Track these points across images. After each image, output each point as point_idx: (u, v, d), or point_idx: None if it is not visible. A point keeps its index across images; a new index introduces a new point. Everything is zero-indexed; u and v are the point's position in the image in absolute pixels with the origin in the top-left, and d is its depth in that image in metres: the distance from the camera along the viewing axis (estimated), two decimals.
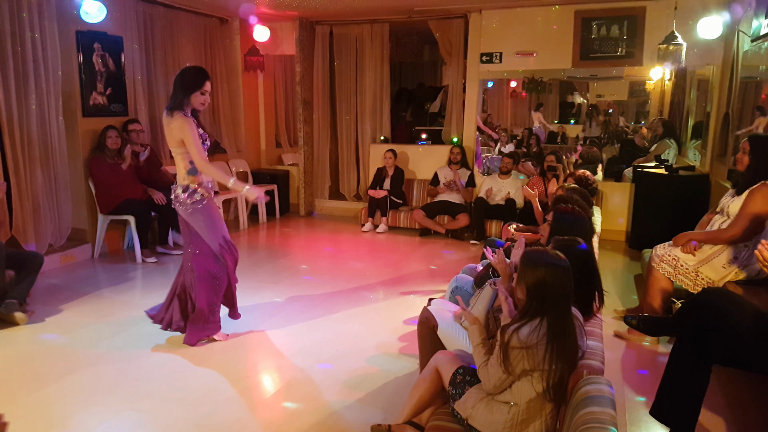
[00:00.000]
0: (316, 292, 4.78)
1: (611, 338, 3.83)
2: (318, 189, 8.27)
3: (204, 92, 3.49)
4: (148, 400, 3.02)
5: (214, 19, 7.32)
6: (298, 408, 2.95)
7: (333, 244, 6.65)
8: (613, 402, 1.69)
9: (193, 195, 3.50)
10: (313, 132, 8.12)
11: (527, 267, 2.02)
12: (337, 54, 7.92)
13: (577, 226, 2.87)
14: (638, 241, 5.86)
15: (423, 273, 5.38)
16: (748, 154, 3.46)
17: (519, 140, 8.47)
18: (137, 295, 4.77)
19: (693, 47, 5.87)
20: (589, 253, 2.47)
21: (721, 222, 3.59)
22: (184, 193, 3.51)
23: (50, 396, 3.05)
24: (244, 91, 7.82)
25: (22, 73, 4.95)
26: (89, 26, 5.49)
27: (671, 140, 7.01)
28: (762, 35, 4.50)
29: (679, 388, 2.50)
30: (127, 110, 6.04)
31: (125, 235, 6.12)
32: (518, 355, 1.96)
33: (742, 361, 2.47)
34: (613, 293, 4.70)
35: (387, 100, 7.83)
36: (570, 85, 8.62)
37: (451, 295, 3.32)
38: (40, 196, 5.18)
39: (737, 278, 3.50)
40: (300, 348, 3.70)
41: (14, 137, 4.91)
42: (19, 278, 4.08)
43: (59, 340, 3.78)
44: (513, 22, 6.77)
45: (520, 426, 2.02)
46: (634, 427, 2.80)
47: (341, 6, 6.64)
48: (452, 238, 6.74)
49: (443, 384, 2.34)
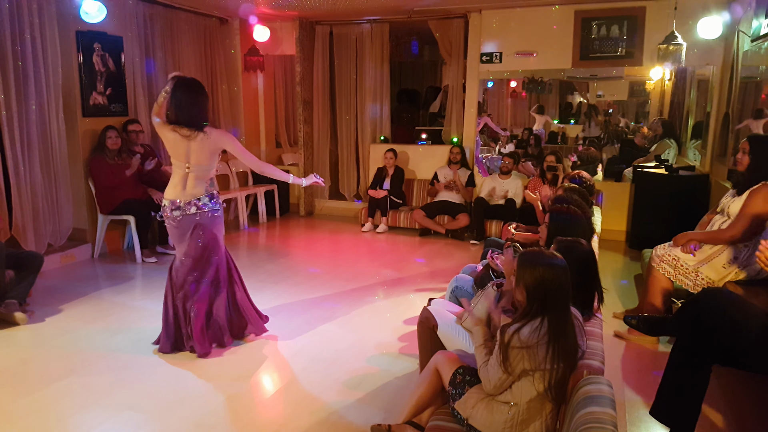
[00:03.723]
0: (316, 292, 4.78)
1: (611, 338, 3.83)
2: (318, 189, 8.27)
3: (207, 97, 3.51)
4: (147, 401, 3.02)
5: (214, 19, 7.33)
6: (298, 408, 2.95)
7: (333, 244, 6.65)
8: (613, 402, 1.69)
9: (219, 201, 3.54)
10: (313, 132, 8.12)
11: (526, 268, 2.03)
12: (337, 54, 7.92)
13: (574, 225, 2.87)
14: (638, 241, 5.86)
15: (423, 273, 5.38)
16: (747, 154, 3.46)
17: (519, 140, 8.48)
18: (137, 295, 4.77)
19: (693, 47, 5.88)
20: (588, 254, 2.47)
21: (721, 222, 3.59)
22: (211, 201, 3.48)
23: (50, 396, 3.05)
24: (244, 91, 7.83)
25: (22, 73, 4.95)
26: (89, 26, 5.49)
27: (671, 140, 7.01)
28: (762, 35, 4.50)
29: (679, 388, 2.50)
30: (127, 110, 6.04)
31: (125, 235, 6.12)
32: (518, 355, 1.96)
33: (742, 361, 2.47)
34: (613, 293, 4.70)
35: (387, 100, 7.83)
36: (570, 85, 8.62)
37: (451, 295, 3.32)
38: (40, 196, 5.18)
39: (737, 278, 3.50)
40: (300, 348, 3.69)
41: (14, 137, 4.91)
42: (19, 278, 4.08)
43: (59, 341, 3.78)
44: (513, 22, 6.77)
45: (520, 426, 2.02)
46: (634, 427, 2.80)
47: (341, 6, 6.63)
48: (452, 238, 6.74)
49: (443, 384, 2.34)
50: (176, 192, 3.44)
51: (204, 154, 3.39)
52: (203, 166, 3.42)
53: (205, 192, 3.47)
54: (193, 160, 3.40)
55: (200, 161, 3.41)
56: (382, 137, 7.87)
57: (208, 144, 3.37)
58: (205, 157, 3.40)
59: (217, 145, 3.41)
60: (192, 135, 3.35)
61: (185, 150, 3.38)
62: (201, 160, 3.41)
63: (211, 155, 3.43)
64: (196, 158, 3.40)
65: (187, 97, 3.38)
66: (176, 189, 3.44)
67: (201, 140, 3.36)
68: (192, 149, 3.38)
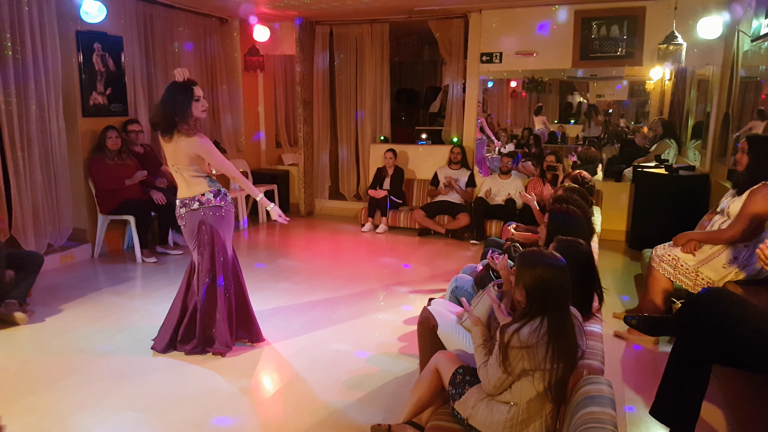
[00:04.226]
0: (316, 292, 4.78)
1: (611, 338, 3.83)
2: (318, 189, 8.27)
3: (198, 98, 3.38)
4: (147, 400, 3.02)
5: (214, 19, 7.32)
6: (298, 408, 2.95)
7: (333, 244, 6.65)
8: (613, 402, 1.69)
9: (225, 197, 3.52)
10: (313, 132, 8.12)
11: (525, 268, 2.03)
12: (337, 54, 7.92)
13: (573, 225, 2.87)
14: (638, 241, 5.86)
15: (423, 273, 5.38)
16: (747, 154, 3.46)
17: (519, 140, 8.48)
18: (137, 295, 4.77)
19: (693, 47, 5.88)
20: (588, 254, 2.47)
21: (721, 222, 3.59)
22: (216, 197, 3.47)
23: (50, 396, 3.05)
24: (244, 91, 7.82)
25: (22, 73, 4.95)
26: (89, 26, 5.49)
27: (671, 140, 7.01)
28: (762, 35, 4.50)
29: (679, 388, 2.51)
30: (127, 110, 6.04)
31: (125, 235, 6.12)
32: (518, 355, 1.96)
33: (742, 361, 2.47)
34: (613, 293, 4.70)
35: (387, 100, 7.83)
36: (570, 85, 8.62)
37: (451, 295, 3.32)
38: (40, 196, 5.18)
39: (737, 278, 3.50)
40: (300, 348, 3.69)
41: (14, 137, 4.91)
42: (19, 278, 4.08)
43: (59, 341, 3.78)
44: (513, 22, 6.78)
45: (520, 426, 2.02)
46: (634, 427, 2.80)
47: (341, 6, 6.64)
48: (452, 238, 6.74)
49: (443, 384, 2.34)
50: (181, 191, 3.51)
51: (179, 157, 3.39)
52: (185, 167, 3.43)
53: (208, 187, 3.47)
54: (171, 161, 3.45)
55: (178, 162, 3.42)
56: (382, 137, 7.87)
57: (181, 147, 3.35)
58: (180, 159, 3.40)
59: (190, 150, 3.37)
60: (165, 138, 3.37)
61: (167, 152, 3.44)
62: (179, 161, 3.41)
63: (188, 158, 3.40)
64: (173, 159, 3.43)
65: (162, 99, 3.40)
66: (180, 188, 3.51)
67: (174, 143, 3.36)
68: (168, 151, 3.42)
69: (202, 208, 3.44)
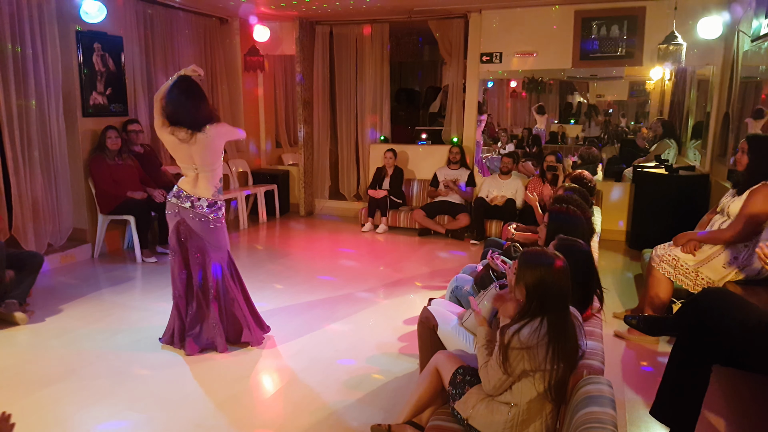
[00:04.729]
0: (316, 292, 4.78)
1: (611, 338, 3.83)
2: (318, 189, 8.27)
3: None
4: (147, 400, 3.02)
5: (214, 19, 7.33)
6: (297, 408, 2.95)
7: (333, 245, 6.65)
8: (613, 402, 1.69)
9: (218, 212, 3.50)
10: (313, 132, 8.12)
11: (526, 268, 2.03)
12: (337, 54, 7.92)
13: (573, 225, 2.87)
14: (638, 241, 5.86)
15: (423, 273, 5.38)
16: (746, 154, 3.46)
17: (519, 140, 8.48)
18: (137, 295, 4.77)
19: (693, 47, 5.88)
20: (588, 254, 2.47)
21: (721, 222, 3.59)
22: (208, 208, 3.45)
23: (50, 396, 3.05)
24: (244, 91, 7.82)
25: (22, 73, 4.95)
26: (89, 26, 5.49)
27: (671, 140, 7.01)
28: (762, 35, 4.50)
29: (679, 387, 2.51)
30: (127, 110, 6.04)
31: (125, 235, 6.12)
32: (518, 356, 1.96)
33: (742, 361, 2.47)
34: (613, 293, 4.70)
35: (387, 100, 7.83)
36: (570, 85, 8.62)
37: (451, 295, 3.33)
38: (40, 196, 5.18)
39: (737, 278, 3.50)
40: (300, 348, 3.69)
41: (14, 137, 4.91)
42: (19, 278, 4.08)
43: (59, 340, 3.78)
44: (513, 22, 6.77)
45: (521, 426, 2.02)
46: (634, 427, 2.80)
47: (341, 6, 6.64)
48: (452, 238, 6.74)
49: (443, 384, 2.34)
50: (188, 185, 3.46)
51: (206, 154, 3.37)
52: (209, 164, 3.41)
53: (211, 196, 3.46)
54: (198, 161, 3.39)
55: (203, 160, 3.39)
56: (382, 137, 7.87)
57: (209, 143, 3.35)
58: (207, 156, 3.38)
59: (217, 141, 3.39)
60: (190, 137, 3.32)
61: (187, 152, 3.37)
62: (205, 159, 3.39)
63: (215, 152, 3.41)
64: (200, 159, 3.39)
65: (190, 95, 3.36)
66: (189, 183, 3.46)
67: (205, 136, 3.33)
68: (194, 151, 3.36)
69: (191, 211, 3.43)
